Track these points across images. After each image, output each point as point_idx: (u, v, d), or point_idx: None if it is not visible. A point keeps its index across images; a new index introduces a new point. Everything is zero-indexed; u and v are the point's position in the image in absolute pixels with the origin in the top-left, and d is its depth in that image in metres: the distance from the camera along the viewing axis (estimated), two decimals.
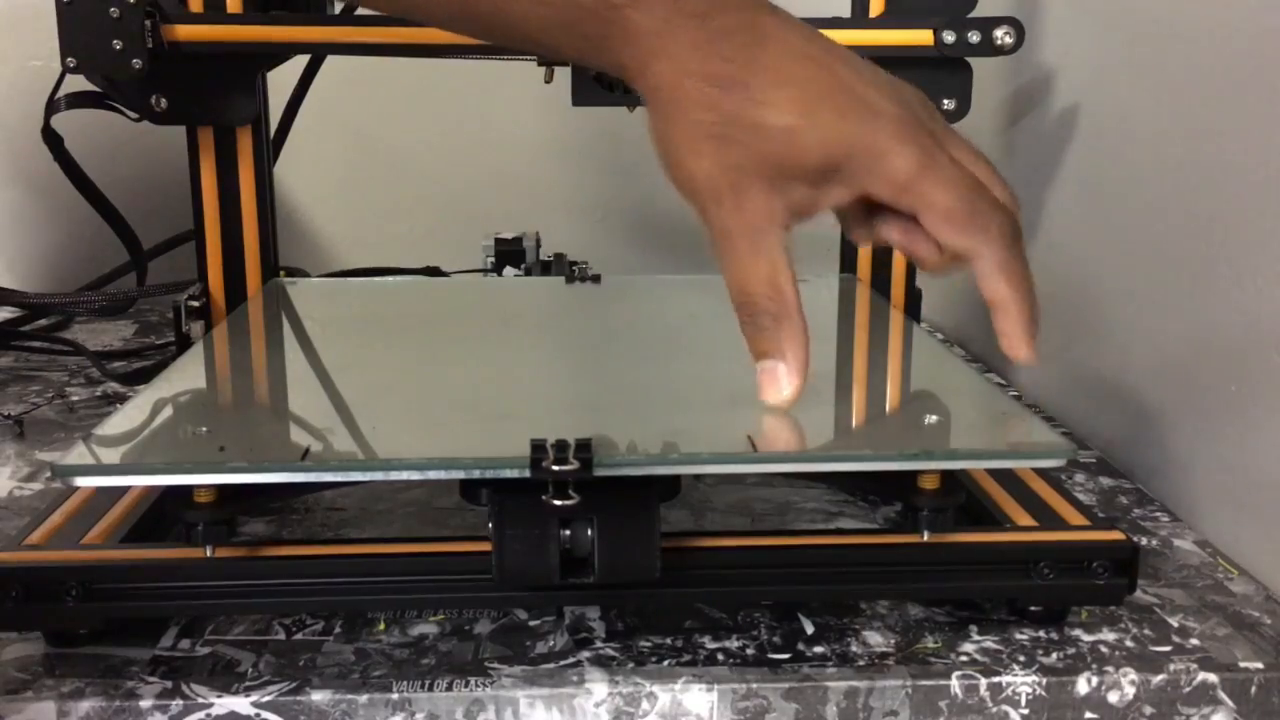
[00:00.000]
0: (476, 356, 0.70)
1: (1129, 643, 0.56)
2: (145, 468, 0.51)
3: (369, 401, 0.60)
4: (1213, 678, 0.53)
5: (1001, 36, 0.76)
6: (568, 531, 0.51)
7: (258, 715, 0.51)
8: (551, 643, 0.55)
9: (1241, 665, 0.54)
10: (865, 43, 0.78)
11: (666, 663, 0.54)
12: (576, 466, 0.49)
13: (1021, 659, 0.54)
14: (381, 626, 0.56)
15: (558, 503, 0.49)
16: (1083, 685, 0.53)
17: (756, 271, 0.48)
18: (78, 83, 0.77)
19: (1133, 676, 0.53)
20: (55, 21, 0.71)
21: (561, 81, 0.76)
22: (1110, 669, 0.53)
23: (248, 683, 0.52)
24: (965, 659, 0.54)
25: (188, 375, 0.65)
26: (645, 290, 0.89)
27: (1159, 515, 0.70)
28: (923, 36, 0.77)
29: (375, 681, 0.52)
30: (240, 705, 0.51)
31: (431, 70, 0.94)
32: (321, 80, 0.93)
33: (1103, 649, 0.55)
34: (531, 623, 0.57)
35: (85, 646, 0.54)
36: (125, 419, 0.54)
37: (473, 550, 0.54)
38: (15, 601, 0.52)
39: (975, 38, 0.76)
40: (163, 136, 0.82)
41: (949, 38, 0.76)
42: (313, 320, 0.78)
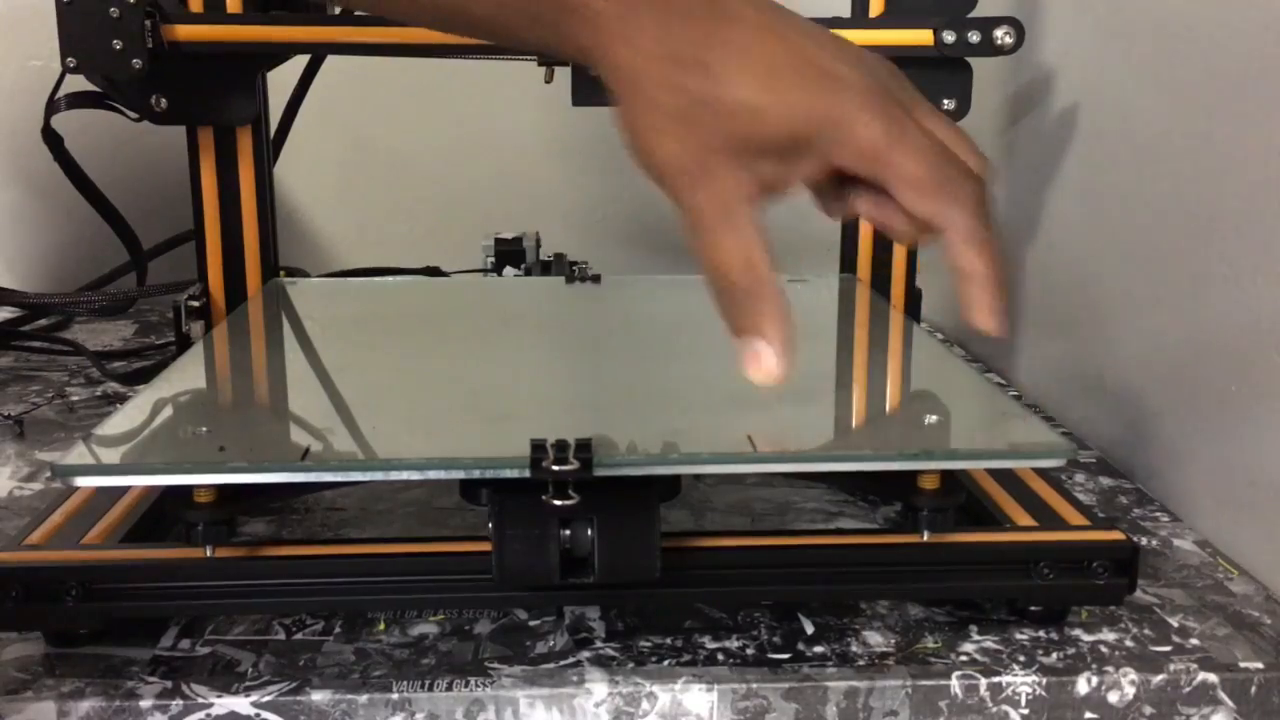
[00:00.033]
0: (476, 356, 0.70)
1: (1129, 643, 0.56)
2: (145, 468, 0.51)
3: (369, 401, 0.60)
4: (1213, 678, 0.53)
5: (1001, 36, 0.76)
6: (568, 531, 0.51)
7: (258, 715, 0.51)
8: (551, 643, 0.55)
9: (1241, 665, 0.54)
10: (865, 43, 0.78)
11: (666, 663, 0.54)
12: (576, 466, 0.49)
13: (1021, 659, 0.54)
14: (381, 626, 0.56)
15: (558, 503, 0.49)
16: (1083, 685, 0.53)
17: (730, 249, 0.47)
18: (78, 83, 0.77)
19: (1133, 676, 0.53)
20: (55, 21, 0.71)
21: (561, 81, 0.76)
22: (1110, 669, 0.53)
23: (248, 683, 0.52)
24: (965, 659, 0.54)
25: (188, 375, 0.65)
26: (645, 290, 0.89)
27: (1159, 515, 0.70)
28: (923, 36, 0.77)
29: (375, 681, 0.52)
30: (240, 705, 0.51)
31: (431, 70, 0.94)
32: (321, 80, 0.93)
33: (1103, 649, 0.55)
34: (531, 623, 0.57)
35: (85, 646, 0.54)
36: (125, 419, 0.54)
37: (473, 550, 0.54)
38: (15, 601, 0.52)
39: (975, 38, 0.76)
40: (163, 136, 0.82)
41: (949, 38, 0.76)
42: (313, 320, 0.78)
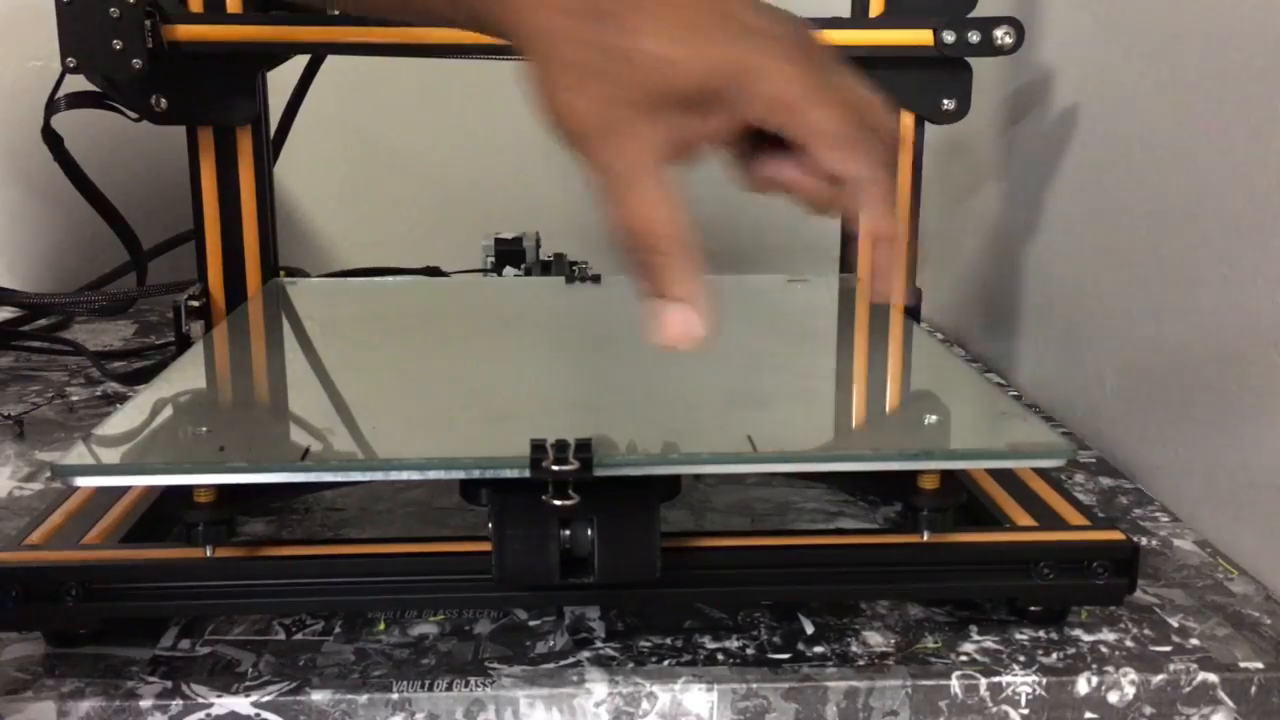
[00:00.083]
0: (476, 356, 0.70)
1: (1129, 643, 0.56)
2: (145, 468, 0.51)
3: (369, 401, 0.60)
4: (1213, 678, 0.53)
5: (1001, 36, 0.76)
6: (568, 531, 0.51)
7: (258, 715, 0.51)
8: (551, 643, 0.55)
9: (1241, 665, 0.54)
10: (865, 43, 0.78)
11: (666, 663, 0.54)
12: (576, 466, 0.49)
13: (1021, 659, 0.54)
14: (381, 626, 0.56)
15: (558, 503, 0.49)
16: (1083, 685, 0.53)
17: (644, 209, 0.45)
18: (78, 83, 0.77)
19: (1133, 676, 0.53)
20: (55, 21, 0.71)
21: None
22: (1110, 669, 0.53)
23: (248, 683, 0.52)
24: (965, 659, 0.54)
25: (188, 375, 0.65)
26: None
27: (1159, 515, 0.70)
28: (923, 36, 0.77)
29: (375, 681, 0.52)
30: (240, 705, 0.51)
31: (431, 70, 0.94)
32: (321, 80, 0.93)
33: (1103, 649, 0.55)
34: (531, 623, 0.57)
35: (85, 646, 0.54)
36: (125, 419, 0.54)
37: (473, 550, 0.54)
38: (15, 601, 0.52)
39: (975, 38, 0.76)
40: (163, 136, 0.82)
41: (949, 38, 0.76)
42: (313, 320, 0.78)
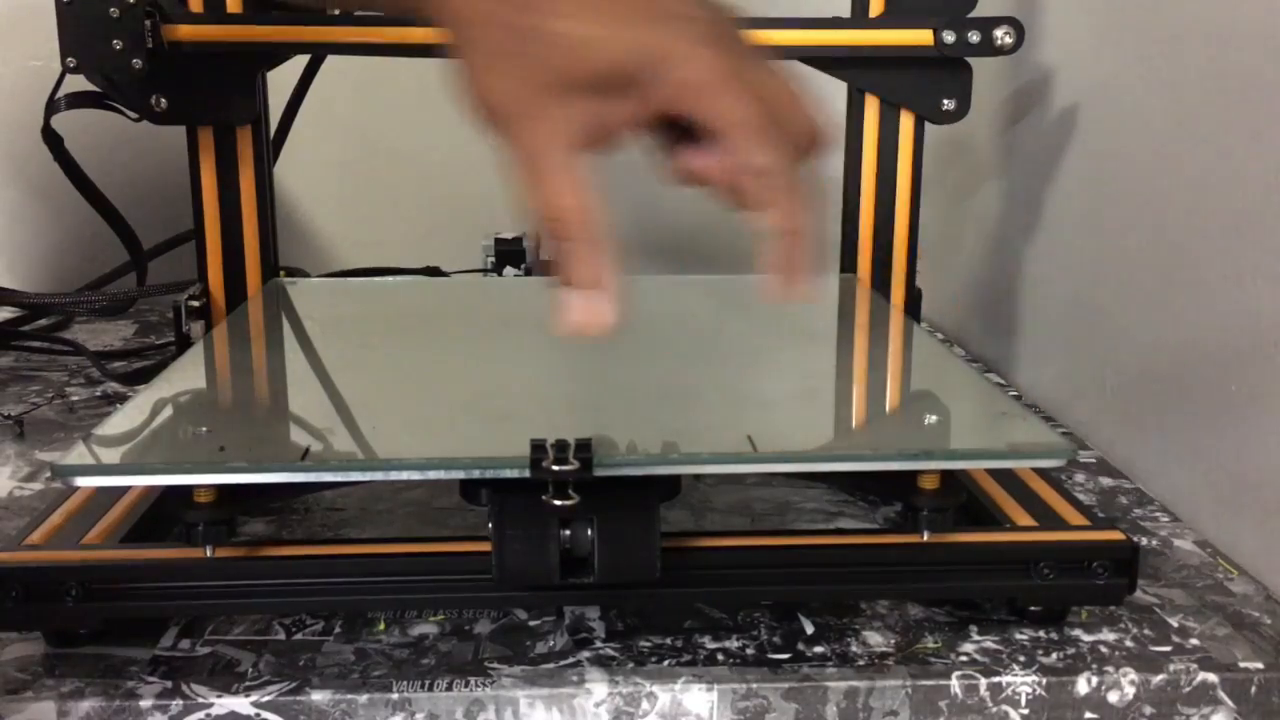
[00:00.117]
0: (476, 356, 0.70)
1: (1129, 643, 0.56)
2: (145, 468, 0.51)
3: (369, 401, 0.60)
4: (1213, 678, 0.53)
5: (1001, 36, 0.76)
6: (568, 531, 0.51)
7: (258, 715, 0.51)
8: (551, 643, 0.55)
9: (1241, 665, 0.54)
10: (865, 43, 0.78)
11: (666, 663, 0.54)
12: (576, 466, 0.49)
13: (1021, 659, 0.54)
14: (381, 626, 0.56)
15: (558, 503, 0.49)
16: (1083, 685, 0.53)
17: (552, 194, 0.46)
18: (78, 83, 0.77)
19: (1133, 676, 0.53)
20: (55, 21, 0.71)
21: None
22: (1110, 669, 0.53)
23: (248, 683, 0.52)
24: (965, 659, 0.54)
25: (188, 375, 0.65)
26: (645, 290, 0.89)
27: (1159, 515, 0.70)
28: (923, 36, 0.77)
29: (375, 681, 0.52)
30: (240, 705, 0.51)
31: (432, 70, 0.93)
32: (321, 80, 0.93)
33: (1103, 649, 0.55)
34: (531, 623, 0.57)
35: (85, 646, 0.54)
36: (125, 419, 0.54)
37: (473, 550, 0.54)
38: (15, 601, 0.52)
39: (975, 38, 0.76)
40: (163, 136, 0.82)
41: (949, 38, 0.76)
42: (313, 320, 0.78)
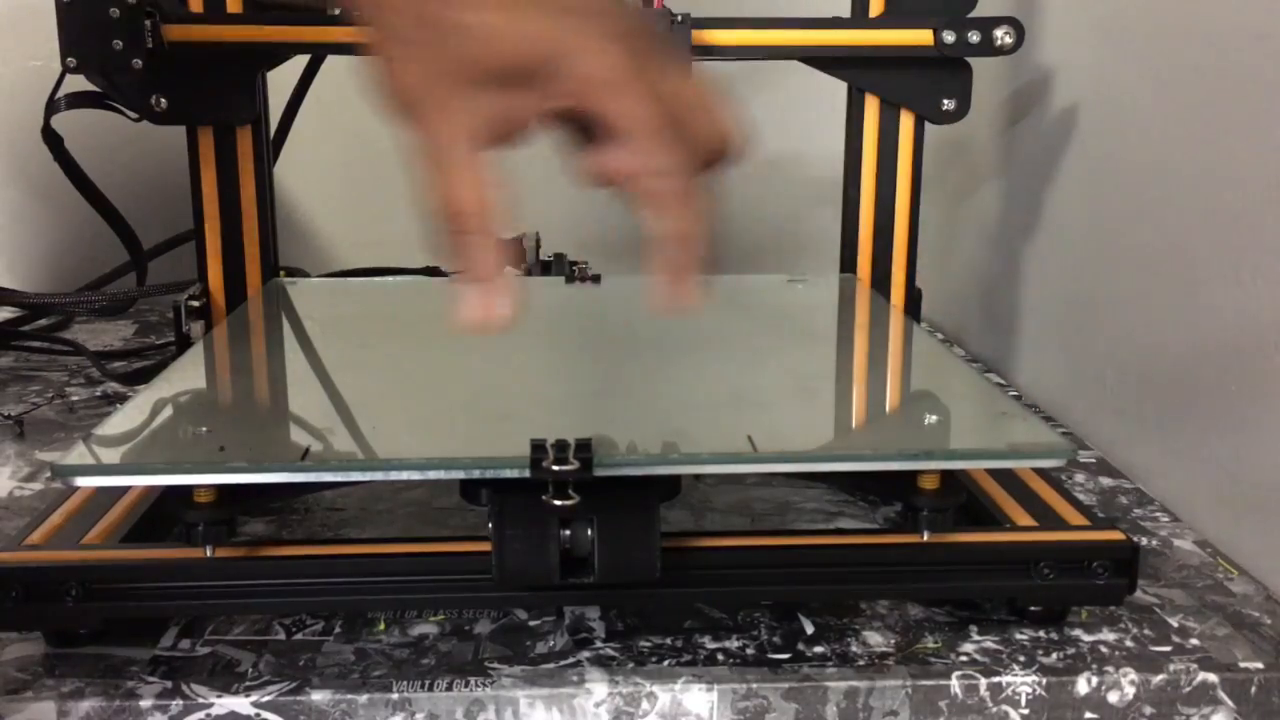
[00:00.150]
0: (476, 356, 0.70)
1: (1129, 643, 0.56)
2: (145, 468, 0.51)
3: (369, 401, 0.60)
4: (1213, 678, 0.53)
5: (1001, 36, 0.76)
6: (568, 531, 0.51)
7: (258, 715, 0.51)
8: (551, 643, 0.55)
9: (1241, 665, 0.54)
10: (865, 43, 0.78)
11: (666, 663, 0.54)
12: (576, 466, 0.49)
13: (1021, 659, 0.54)
14: (381, 626, 0.56)
15: (558, 503, 0.49)
16: (1083, 685, 0.53)
17: (451, 186, 0.46)
18: (78, 83, 0.77)
19: (1133, 676, 0.53)
20: (55, 21, 0.71)
21: None
22: (1110, 669, 0.53)
23: (248, 683, 0.52)
24: (965, 659, 0.54)
25: (188, 375, 0.65)
26: (645, 290, 0.88)
27: (1159, 515, 0.70)
28: (923, 36, 0.77)
29: (375, 681, 0.52)
30: (240, 705, 0.51)
31: None
32: (321, 80, 0.93)
33: (1103, 649, 0.55)
34: (531, 623, 0.57)
35: (85, 646, 0.54)
36: (125, 419, 0.54)
37: (473, 550, 0.54)
38: (15, 601, 0.52)
39: (975, 38, 0.76)
40: (163, 136, 0.82)
41: (949, 38, 0.76)
42: (313, 320, 0.78)
